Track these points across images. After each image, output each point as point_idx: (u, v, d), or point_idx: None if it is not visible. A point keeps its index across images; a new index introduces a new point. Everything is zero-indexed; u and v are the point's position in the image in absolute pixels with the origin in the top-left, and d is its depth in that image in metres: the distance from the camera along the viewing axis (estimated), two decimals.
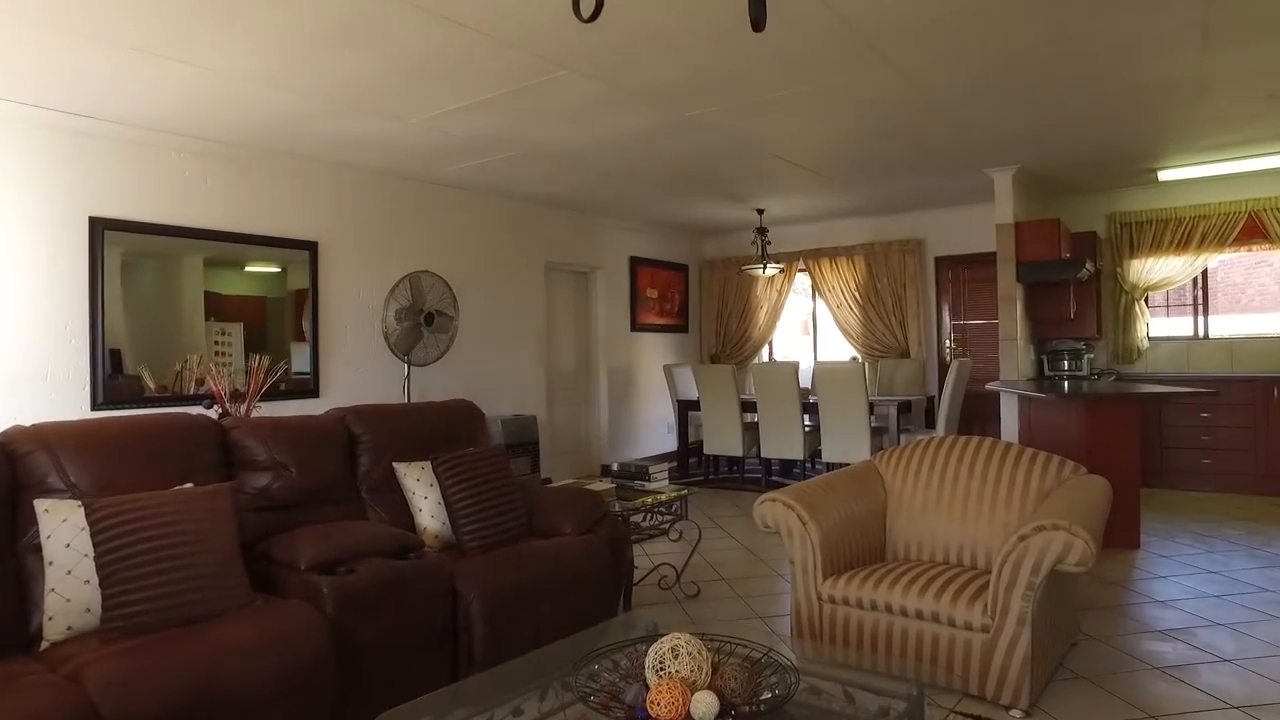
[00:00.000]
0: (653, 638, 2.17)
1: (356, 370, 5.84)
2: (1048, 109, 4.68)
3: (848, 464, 7.50)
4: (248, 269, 5.37)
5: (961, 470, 3.32)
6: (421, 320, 5.63)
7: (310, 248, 5.58)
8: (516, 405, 7.06)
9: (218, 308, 5.22)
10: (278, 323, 5.52)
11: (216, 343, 5.28)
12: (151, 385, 4.89)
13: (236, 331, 5.36)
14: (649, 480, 3.97)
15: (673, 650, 1.77)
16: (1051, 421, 5.27)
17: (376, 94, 4.16)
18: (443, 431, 3.56)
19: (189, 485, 2.57)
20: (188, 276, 5.06)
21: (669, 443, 8.84)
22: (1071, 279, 6.28)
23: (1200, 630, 3.32)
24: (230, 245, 5.16)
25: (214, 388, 4.63)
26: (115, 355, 4.70)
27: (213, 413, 4.63)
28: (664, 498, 3.80)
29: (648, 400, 8.86)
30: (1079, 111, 4.75)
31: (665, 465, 4.06)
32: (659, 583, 4.14)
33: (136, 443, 2.61)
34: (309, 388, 5.57)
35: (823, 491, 3.26)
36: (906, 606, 2.80)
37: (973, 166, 6.07)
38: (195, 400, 4.87)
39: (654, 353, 8.98)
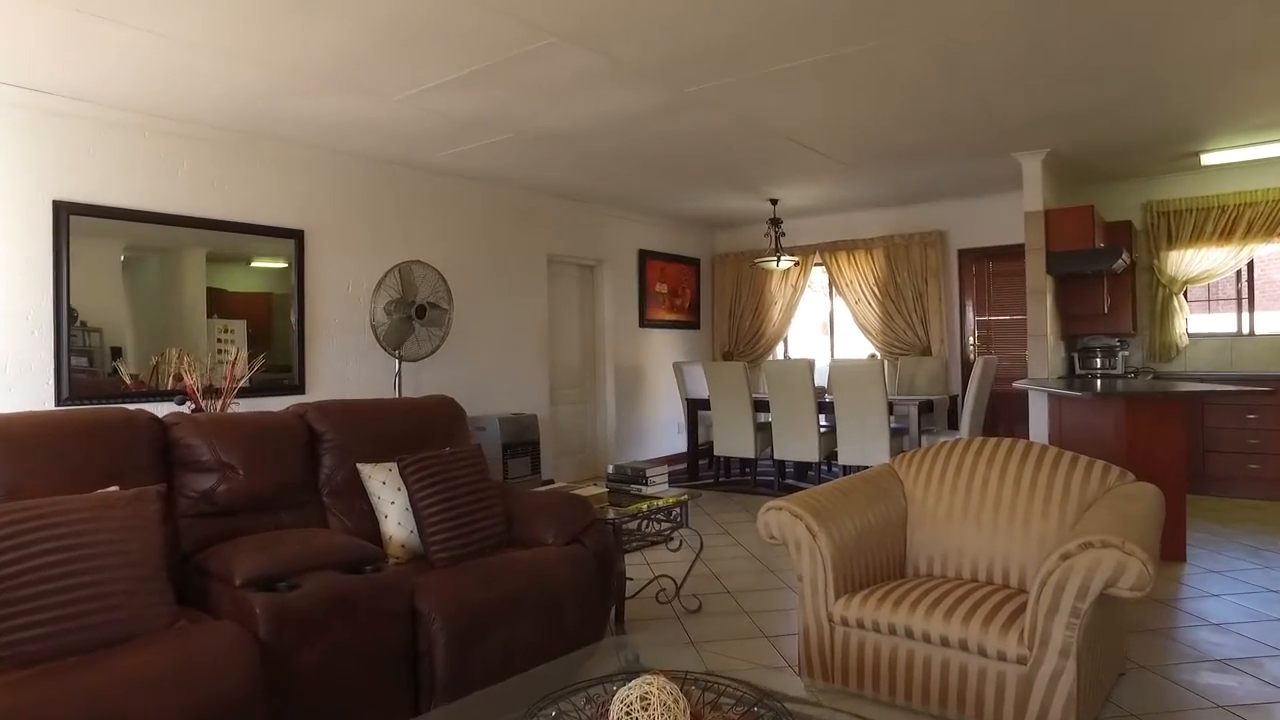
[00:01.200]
0: (632, 672, 1.84)
1: (345, 366, 5.55)
2: (1083, 84, 4.30)
3: (866, 467, 7.14)
4: (253, 264, 5.16)
5: (991, 476, 2.96)
6: (413, 313, 5.34)
7: (296, 236, 5.29)
8: (517, 403, 6.75)
9: (221, 304, 5.03)
10: (283, 319, 5.30)
11: (219, 340, 5.09)
12: (128, 380, 4.63)
13: (240, 329, 5.15)
14: (646, 484, 3.64)
15: (642, 699, 1.44)
16: (1085, 423, 4.88)
17: (350, 67, 3.85)
18: (417, 430, 3.25)
19: (113, 489, 2.27)
20: (190, 272, 4.87)
21: (679, 443, 8.50)
22: (1106, 271, 5.87)
23: (1267, 661, 2.93)
24: (215, 234, 4.89)
25: (187, 383, 4.36)
26: (116, 352, 4.54)
27: (186, 409, 4.37)
28: (661, 504, 3.47)
29: (657, 399, 8.52)
30: (1117, 87, 4.36)
31: (664, 468, 3.72)
32: (657, 596, 3.80)
33: (55, 441, 2.31)
34: (294, 384, 5.28)
35: (835, 498, 2.91)
36: (930, 632, 2.45)
37: (1000, 150, 5.68)
38: (170, 396, 4.60)
39: (664, 350, 8.65)
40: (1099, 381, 5.64)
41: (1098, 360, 6.35)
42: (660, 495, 3.61)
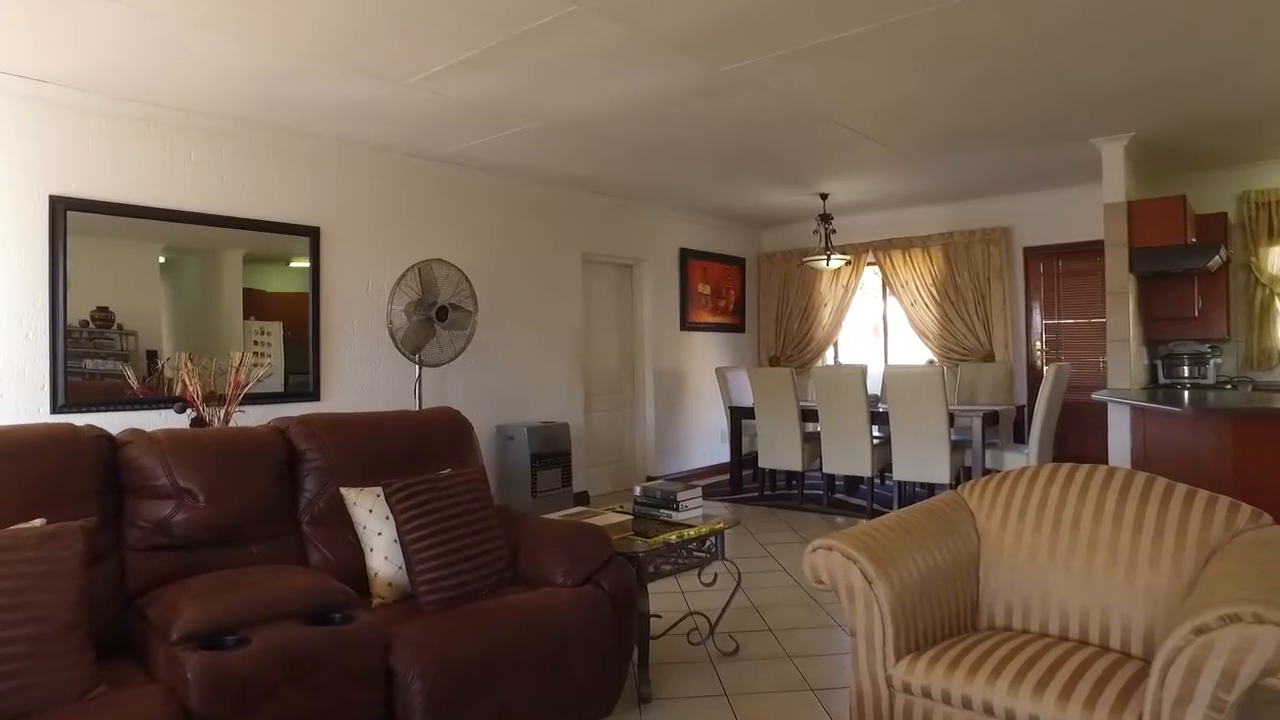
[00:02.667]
0: None
1: (363, 371, 5.24)
2: (1180, 46, 3.74)
3: (922, 483, 6.59)
4: (292, 264, 4.99)
5: (1084, 512, 2.47)
6: (433, 315, 4.99)
7: (311, 234, 5.00)
8: (549, 411, 6.38)
9: (258, 306, 4.86)
10: None
11: (256, 343, 4.91)
12: (135, 386, 4.39)
13: (276, 331, 4.96)
14: (677, 509, 3.21)
15: None
16: (1177, 442, 4.32)
17: (355, 45, 3.51)
18: (416, 448, 2.88)
19: (36, 523, 1.93)
20: (228, 273, 4.71)
21: (722, 452, 8.03)
22: (1197, 269, 5.26)
23: None
24: (227, 231, 4.63)
25: (187, 389, 4.08)
26: (152, 356, 4.41)
27: (185, 417, 4.10)
28: (693, 533, 3.04)
29: (699, 406, 8.08)
30: (1221, 50, 3.78)
31: (698, 491, 3.29)
32: (689, 635, 3.38)
33: None
34: (307, 390, 4.98)
35: (895, 535, 2.45)
36: (1015, 710, 1.98)
37: (1076, 135, 5.12)
38: (172, 403, 4.33)
39: (707, 354, 8.21)
40: (1187, 393, 5.05)
41: (1185, 368, 5.73)
42: (693, 522, 3.18)
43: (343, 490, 2.60)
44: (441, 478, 2.62)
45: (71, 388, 4.08)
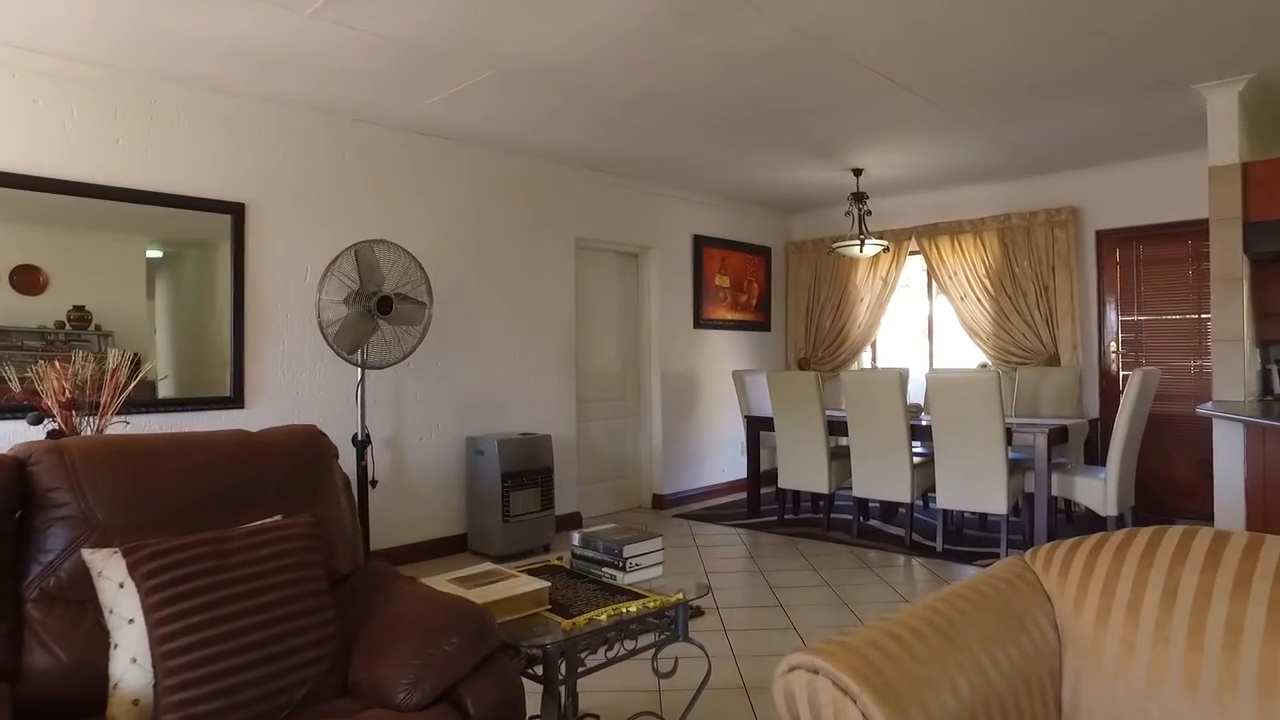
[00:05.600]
0: None
1: (299, 373, 4.43)
2: None
3: (973, 514, 5.56)
4: None
5: (1247, 615, 1.50)
6: (373, 307, 4.15)
7: (234, 211, 4.20)
8: (533, 421, 5.51)
9: None
10: None
11: None
12: (16, 389, 3.63)
13: None
14: (624, 568, 2.31)
15: None
16: None
17: None
18: (240, 485, 2.02)
19: None
20: (220, 268, 4.18)
21: (743, 466, 7.08)
22: None
23: None
24: (126, 208, 3.86)
25: (47, 395, 3.28)
26: (136, 359, 3.85)
27: (42, 429, 3.31)
28: (634, 609, 2.12)
29: (716, 414, 7.14)
30: None
31: (655, 544, 2.39)
32: None
33: None
34: (227, 396, 4.19)
35: (922, 643, 1.51)
36: None
37: (1173, 79, 4.07)
38: (22, 411, 3.53)
39: (725, 355, 7.26)
40: None
41: None
42: (642, 589, 2.27)
43: (85, 554, 1.74)
44: (234, 536, 1.75)
45: None
